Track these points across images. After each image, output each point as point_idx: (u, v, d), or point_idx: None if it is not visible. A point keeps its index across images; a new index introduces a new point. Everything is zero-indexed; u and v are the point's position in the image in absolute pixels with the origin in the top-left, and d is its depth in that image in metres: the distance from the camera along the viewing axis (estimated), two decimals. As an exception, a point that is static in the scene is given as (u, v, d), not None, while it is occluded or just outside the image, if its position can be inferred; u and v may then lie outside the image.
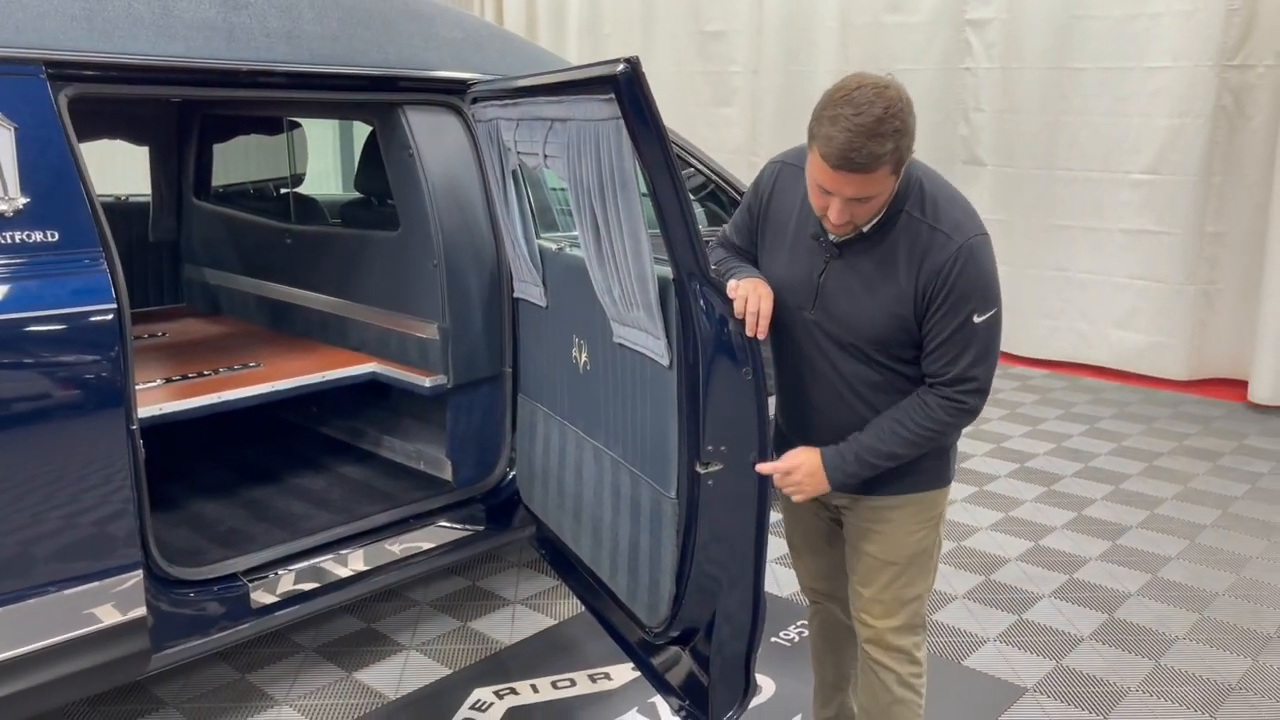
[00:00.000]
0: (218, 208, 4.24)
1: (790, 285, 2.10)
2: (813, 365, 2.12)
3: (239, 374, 3.27)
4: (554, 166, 2.43)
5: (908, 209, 1.97)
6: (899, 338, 2.01)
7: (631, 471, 2.42)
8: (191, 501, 3.28)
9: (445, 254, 3.14)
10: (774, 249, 2.16)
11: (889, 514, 2.16)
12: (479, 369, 3.26)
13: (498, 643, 3.36)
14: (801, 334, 2.11)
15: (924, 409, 2.02)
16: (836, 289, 2.04)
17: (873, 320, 2.01)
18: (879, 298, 2.00)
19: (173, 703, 3.01)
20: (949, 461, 2.19)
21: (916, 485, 2.15)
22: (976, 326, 1.96)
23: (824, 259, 2.05)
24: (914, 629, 2.23)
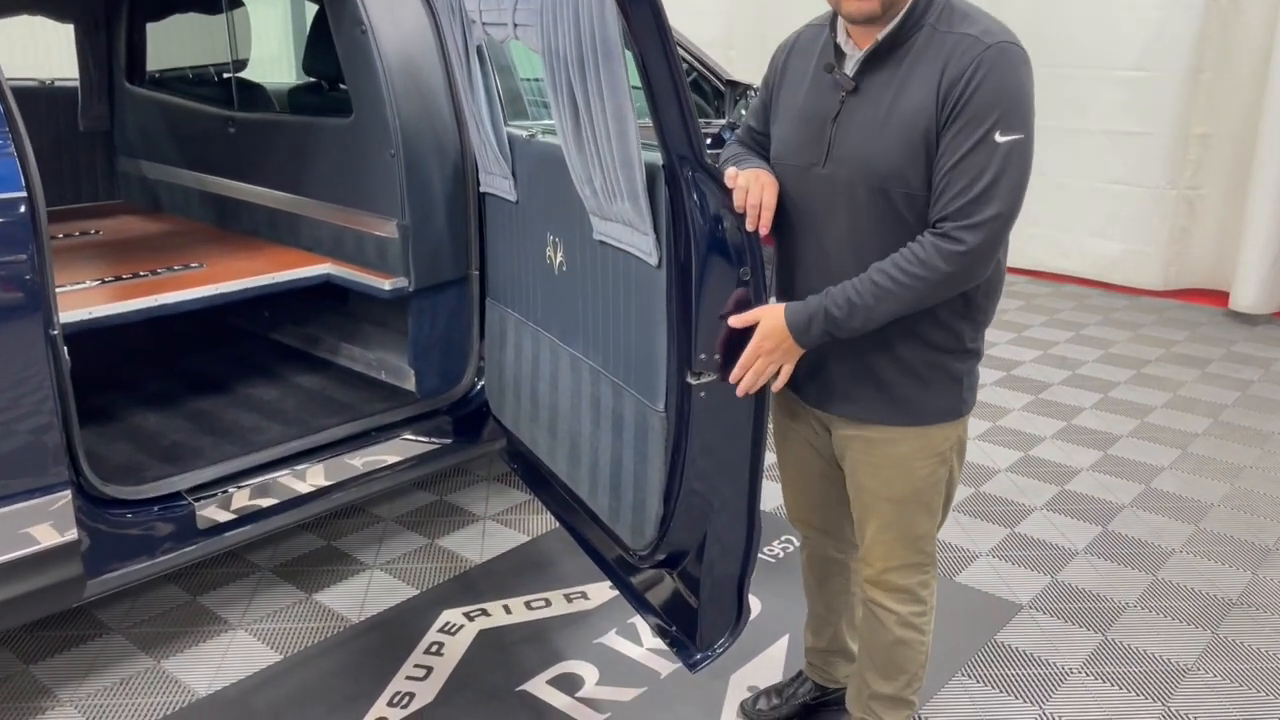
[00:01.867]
0: (154, 94, 3.87)
1: (801, 140, 1.88)
2: (819, 235, 1.88)
3: (179, 275, 2.99)
4: (525, 38, 2.15)
5: (931, 22, 1.75)
6: (916, 169, 1.74)
7: (614, 382, 2.20)
8: (131, 414, 3.03)
9: (403, 143, 2.84)
10: (787, 106, 1.94)
11: (889, 448, 1.94)
12: (443, 270, 3.00)
13: (467, 561, 3.17)
14: (810, 199, 1.88)
15: (913, 249, 1.73)
16: (851, 126, 1.80)
17: (888, 150, 1.75)
18: (896, 121, 1.74)
19: (117, 628, 2.81)
20: (962, 391, 1.93)
21: (922, 416, 1.92)
22: (998, 146, 1.67)
23: (839, 98, 1.82)
24: (919, 567, 2.03)
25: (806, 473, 2.17)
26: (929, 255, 1.72)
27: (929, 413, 1.91)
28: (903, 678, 2.09)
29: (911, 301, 1.75)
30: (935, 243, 1.72)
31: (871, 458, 1.96)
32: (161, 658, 2.69)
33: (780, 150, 1.94)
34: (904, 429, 1.92)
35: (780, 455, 2.21)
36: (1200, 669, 2.68)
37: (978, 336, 1.93)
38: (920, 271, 1.72)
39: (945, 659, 2.68)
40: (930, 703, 2.54)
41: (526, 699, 2.55)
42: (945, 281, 1.73)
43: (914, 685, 2.12)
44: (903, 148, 1.73)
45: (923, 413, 1.91)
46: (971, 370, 1.94)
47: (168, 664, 2.67)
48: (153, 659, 2.69)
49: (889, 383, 1.90)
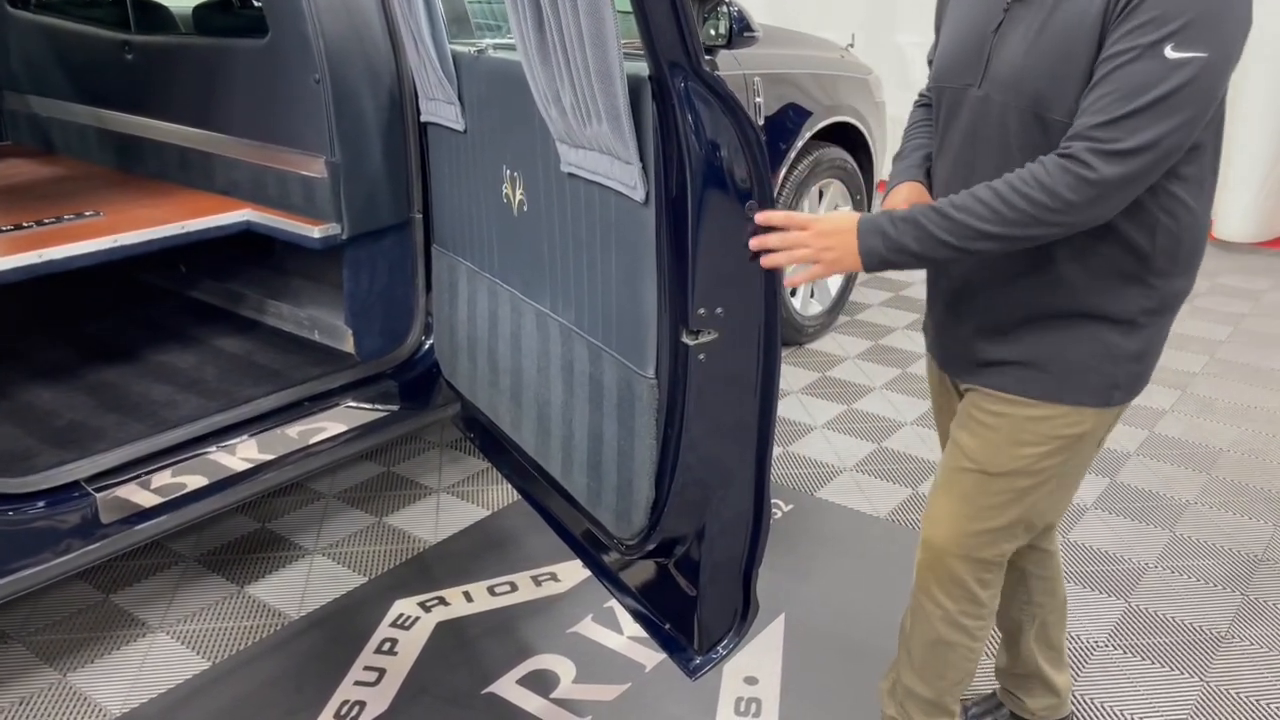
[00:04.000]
0: (39, 18, 3.38)
1: (958, 57, 1.58)
2: (970, 171, 1.56)
3: (72, 225, 2.56)
4: (472, -77, 1.76)
5: None
6: (1072, 93, 1.40)
7: (590, 343, 1.85)
8: (20, 390, 2.62)
9: (329, 66, 2.43)
10: (952, 19, 1.65)
11: (1004, 407, 1.60)
12: (380, 215, 2.62)
13: (421, 541, 2.83)
14: (963, 128, 1.57)
15: (1032, 168, 1.40)
16: (1012, 38, 1.48)
17: (1040, 64, 1.43)
18: (1055, 29, 1.41)
19: (16, 636, 2.43)
20: (1117, 375, 1.55)
21: (1053, 388, 1.56)
22: (1167, 62, 1.31)
23: (1003, 7, 1.51)
24: (985, 564, 1.71)
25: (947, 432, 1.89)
26: (1050, 177, 1.37)
27: (1068, 387, 1.56)
28: (942, 683, 1.80)
29: (1015, 231, 1.40)
30: (1061, 163, 1.37)
31: (981, 414, 1.63)
32: (68, 670, 2.33)
33: (937, 70, 1.65)
34: (1024, 401, 1.58)
35: (937, 425, 1.95)
36: (1235, 636, 2.44)
37: (1157, 310, 1.54)
38: (1036, 194, 1.37)
39: (961, 637, 2.40)
40: (949, 689, 2.26)
41: (495, 703, 2.23)
42: (1062, 214, 1.37)
43: (956, 691, 1.83)
44: (1059, 62, 1.40)
45: (1062, 386, 1.56)
46: (1138, 354, 1.55)
47: (75, 678, 2.30)
48: (58, 672, 2.32)
49: (1027, 348, 1.57)
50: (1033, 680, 2.02)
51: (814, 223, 1.51)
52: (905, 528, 2.90)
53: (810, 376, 3.93)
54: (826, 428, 3.51)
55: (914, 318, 4.52)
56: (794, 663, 2.34)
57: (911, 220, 1.45)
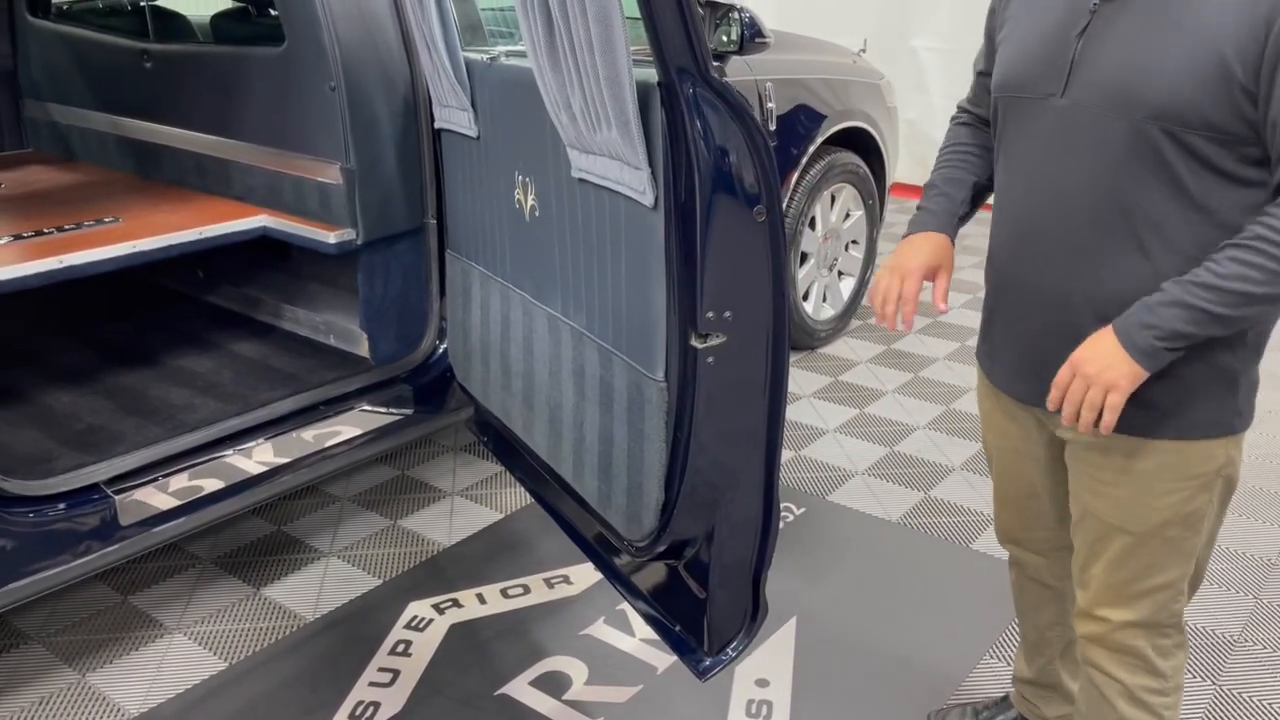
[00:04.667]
0: (61, 27, 3.43)
1: (1033, 63, 1.45)
2: (1050, 193, 1.43)
3: (91, 231, 2.60)
4: (484, -68, 1.78)
5: None
6: (1213, 104, 1.26)
7: (600, 347, 1.87)
8: (42, 394, 2.66)
9: (345, 73, 2.47)
10: (1018, 21, 1.52)
11: (1128, 462, 1.47)
12: (395, 220, 2.65)
13: (434, 544, 2.86)
14: (1040, 142, 1.44)
15: None
16: (1109, 39, 1.35)
17: (1164, 74, 1.28)
18: (1180, 37, 1.27)
19: (36, 637, 2.47)
20: (1238, 399, 1.45)
21: (1180, 425, 1.43)
22: None
23: (1089, 6, 1.38)
24: (1158, 629, 1.56)
25: (1018, 486, 1.76)
26: None
27: (1190, 423, 1.44)
28: None
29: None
30: None
31: (1103, 473, 1.51)
32: (87, 670, 2.36)
33: (1004, 77, 1.51)
34: (1152, 442, 1.46)
35: (991, 460, 1.82)
36: (1248, 640, 2.43)
37: (1262, 330, 1.45)
38: None
39: (971, 638, 2.41)
40: (962, 686, 2.27)
41: (507, 704, 2.25)
42: None
43: None
44: (1192, 73, 1.26)
45: (1181, 422, 1.43)
46: (1250, 371, 1.46)
47: (94, 678, 2.34)
48: (77, 672, 2.35)
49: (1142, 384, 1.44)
50: (1053, 692, 1.98)
51: (1074, 365, 1.38)
52: (917, 531, 2.90)
53: (822, 380, 3.93)
54: (838, 431, 3.52)
55: (927, 321, 4.52)
56: (805, 665, 2.35)
57: (1177, 303, 1.31)
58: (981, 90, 1.70)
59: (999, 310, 1.61)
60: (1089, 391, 1.36)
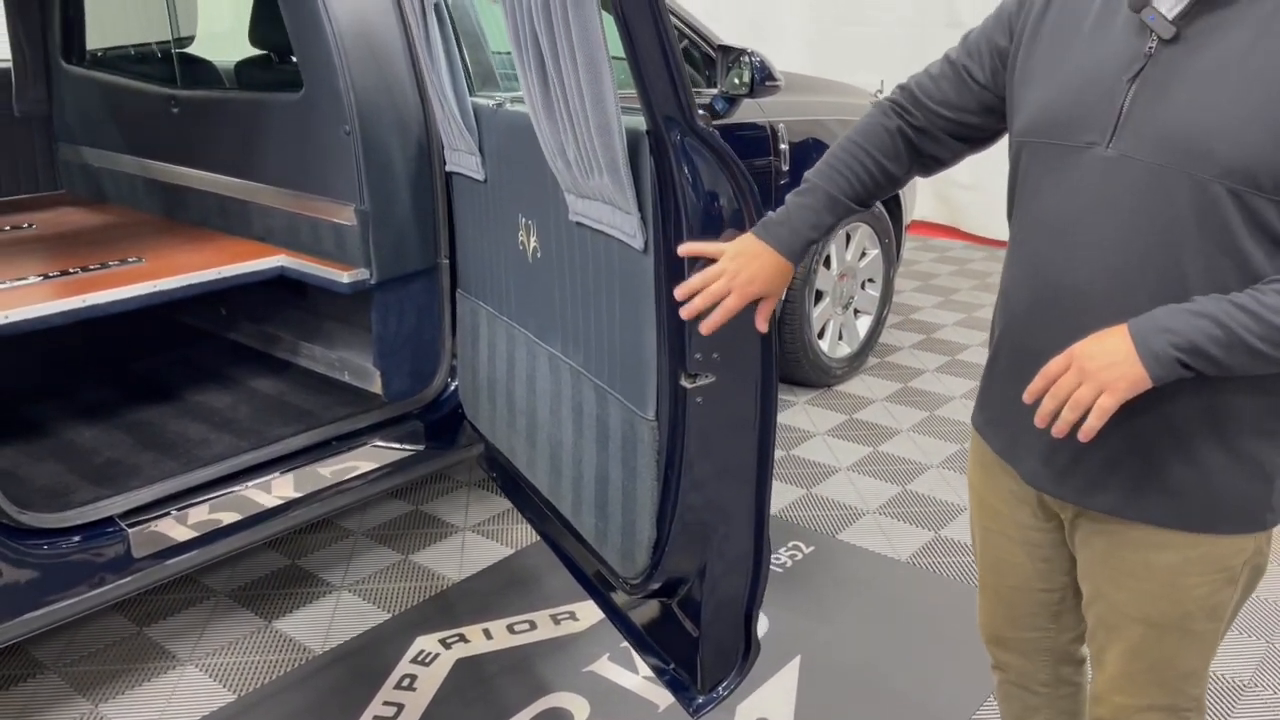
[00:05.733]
0: (94, 74, 3.55)
1: (1075, 107, 1.28)
2: (1088, 248, 1.27)
3: (114, 271, 2.68)
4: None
5: None
6: None
7: (597, 385, 1.91)
8: (64, 428, 2.73)
9: (359, 118, 2.54)
10: (1050, 59, 1.34)
11: (1150, 554, 1.35)
12: (408, 260, 2.71)
13: (445, 579, 2.89)
14: (1079, 195, 1.28)
15: None
16: (1169, 89, 1.20)
17: (1243, 127, 1.14)
18: (1259, 89, 1.14)
19: (53, 666, 2.52)
20: (1272, 494, 1.31)
21: (1209, 519, 1.31)
22: None
23: (1145, 49, 1.23)
24: (1178, 711, 1.43)
25: (1011, 577, 1.57)
26: None
27: (1220, 516, 1.31)
28: None
29: None
30: None
31: (1123, 563, 1.38)
32: (100, 701, 2.40)
33: (1034, 120, 1.34)
34: (1180, 535, 1.32)
35: (977, 545, 1.63)
36: (1259, 684, 2.40)
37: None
38: None
39: (977, 679, 2.40)
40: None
41: (509, 740, 2.27)
42: None
43: None
44: (1271, 129, 1.13)
45: (1210, 515, 1.31)
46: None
47: (106, 708, 2.38)
48: (90, 702, 2.40)
49: (1162, 468, 1.30)
50: None
51: (1073, 355, 1.21)
52: (926, 571, 2.89)
53: (837, 419, 3.94)
54: (851, 470, 3.52)
55: (944, 360, 4.52)
56: (808, 704, 2.35)
57: (1208, 316, 1.15)
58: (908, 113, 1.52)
59: (1009, 376, 1.42)
60: (1080, 388, 1.19)
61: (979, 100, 1.45)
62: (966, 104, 1.46)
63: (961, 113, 1.47)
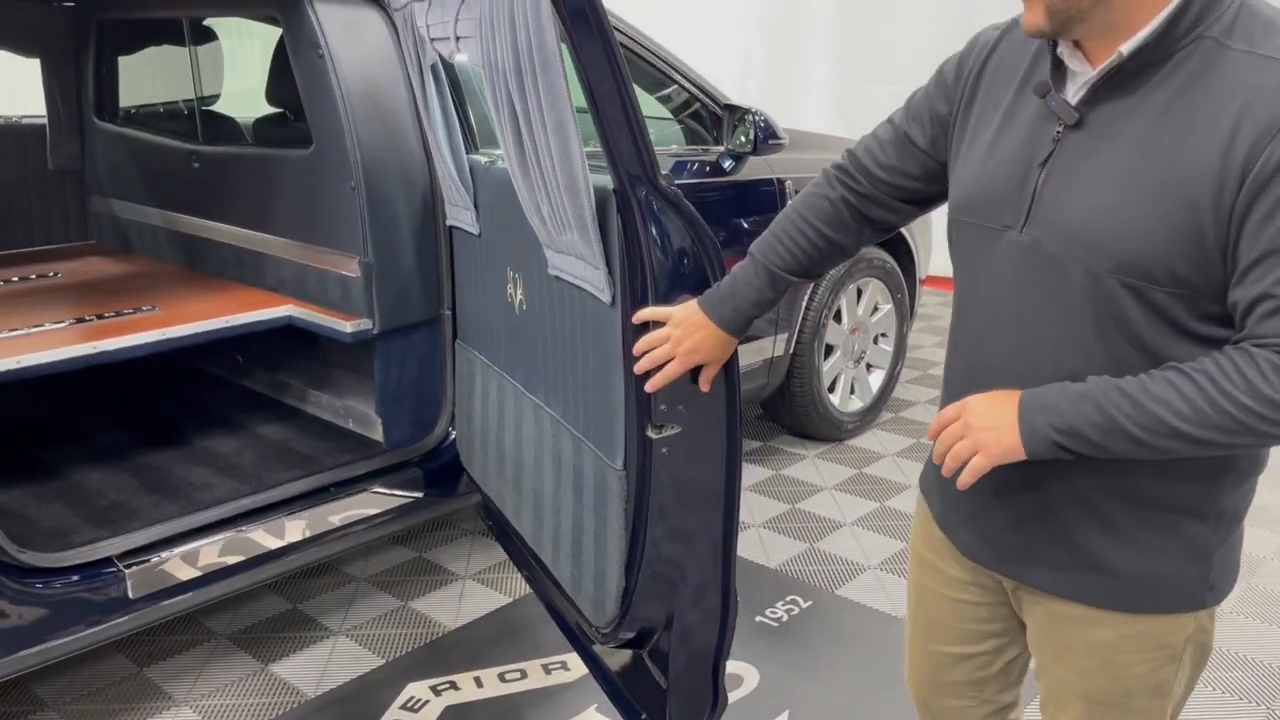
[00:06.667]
0: (123, 130, 3.71)
1: (992, 190, 1.30)
2: (1007, 328, 1.28)
3: (128, 319, 2.78)
4: (467, 50, 1.93)
5: (1212, 34, 1.13)
6: (1181, 257, 1.13)
7: (573, 435, 1.95)
8: (74, 471, 2.81)
9: (365, 174, 2.63)
10: (976, 139, 1.35)
11: (1087, 630, 1.33)
12: (410, 311, 2.78)
13: (441, 626, 2.91)
14: (999, 276, 1.29)
15: (1251, 374, 1.10)
16: (1072, 177, 1.21)
17: (1135, 222, 1.14)
18: (1153, 182, 1.14)
19: (53, 704, 2.57)
20: (1209, 572, 1.28)
21: (1140, 599, 1.29)
22: None
23: (1053, 135, 1.23)
24: None
25: (939, 638, 1.54)
26: (1270, 385, 1.09)
27: (1154, 597, 1.29)
28: None
29: (1217, 437, 1.13)
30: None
31: (1062, 638, 1.36)
32: (95, 739, 2.45)
33: (962, 200, 1.36)
34: (1116, 614, 1.30)
35: (912, 602, 1.60)
36: (1257, 753, 2.35)
37: (1245, 493, 1.29)
38: (1251, 403, 1.10)
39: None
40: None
41: (490, 789, 2.27)
42: None
43: None
44: (1162, 223, 1.13)
45: (1143, 595, 1.28)
46: (1227, 542, 1.30)
47: (100, 747, 2.43)
48: (85, 741, 2.45)
49: (1087, 545, 1.29)
50: None
51: (965, 409, 1.24)
52: (922, 628, 2.87)
53: (845, 473, 3.94)
54: (856, 525, 3.51)
55: None
56: (791, 761, 2.34)
57: (1091, 400, 1.16)
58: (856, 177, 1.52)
59: None
60: (962, 441, 1.22)
61: (922, 165, 1.46)
62: (910, 169, 1.47)
63: (906, 178, 1.48)
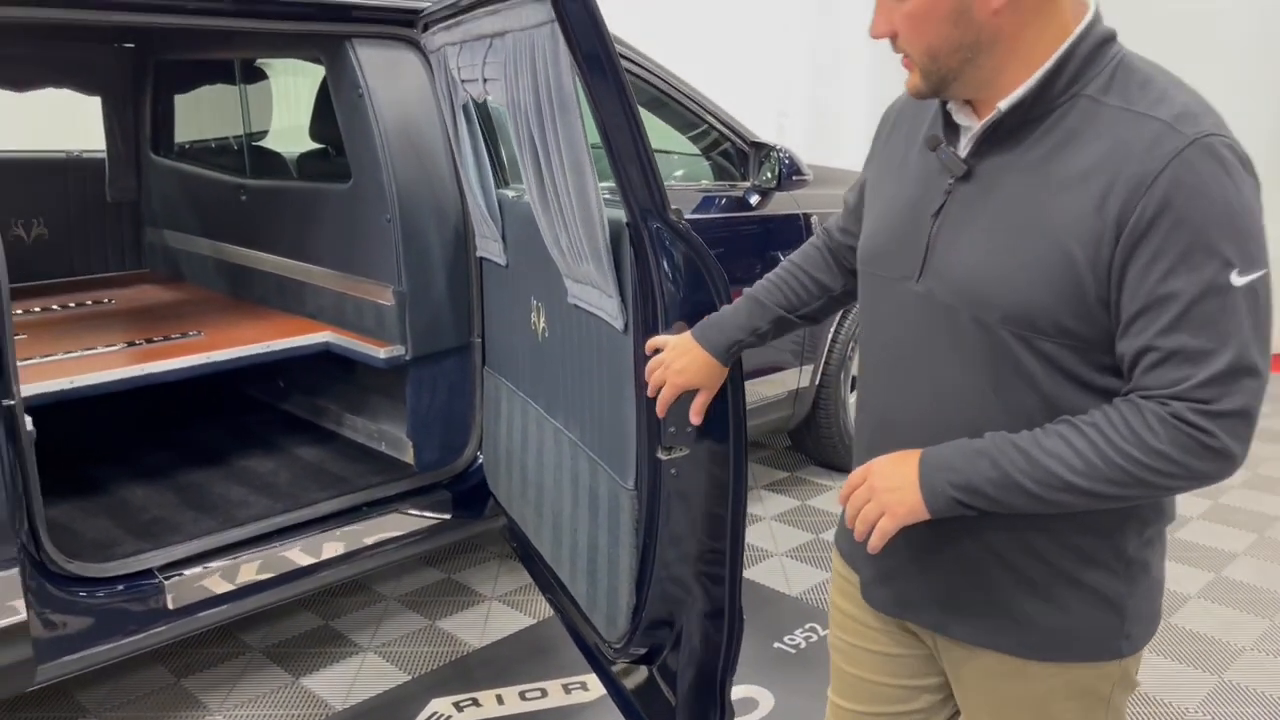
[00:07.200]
0: (176, 164, 3.89)
1: (891, 241, 1.32)
2: (911, 376, 1.29)
3: (175, 343, 2.92)
4: (493, 92, 2.04)
5: (1089, 93, 1.16)
6: (1064, 310, 1.15)
7: (590, 457, 2.03)
8: (120, 487, 2.94)
9: (400, 207, 2.75)
10: (878, 192, 1.39)
11: (1013, 683, 1.32)
12: (442, 338, 2.89)
13: (466, 645, 2.99)
14: (900, 325, 1.30)
15: (1139, 426, 1.12)
16: (959, 228, 1.23)
17: (1015, 273, 1.17)
18: (1032, 234, 1.16)
19: (95, 711, 2.68)
20: (1124, 622, 1.28)
21: (1059, 648, 1.29)
22: (1235, 291, 1.08)
23: (945, 187, 1.25)
24: None
25: (870, 701, 1.49)
26: (1157, 438, 1.11)
27: (1073, 647, 1.28)
28: None
29: (1112, 490, 1.14)
30: (1169, 427, 1.11)
31: (992, 696, 1.35)
32: (133, 745, 2.56)
33: (865, 252, 1.38)
34: (1037, 664, 1.30)
35: (835, 664, 1.55)
36: (1271, 788, 2.35)
37: (1150, 541, 1.29)
38: (1141, 456, 1.11)
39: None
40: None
41: (508, 802, 2.34)
42: (1184, 479, 1.13)
43: None
44: (1043, 276, 1.15)
45: (1062, 645, 1.29)
46: (1142, 592, 1.29)
47: (137, 752, 2.53)
48: (123, 746, 2.55)
49: (1002, 598, 1.29)
50: None
51: (870, 471, 1.25)
52: (939, 657, 2.89)
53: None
54: (878, 555, 3.54)
55: None
56: (803, 783, 2.38)
57: (987, 456, 1.17)
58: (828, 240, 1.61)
59: None
60: (868, 504, 1.24)
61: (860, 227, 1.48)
62: (856, 230, 1.48)
63: (855, 238, 1.47)
